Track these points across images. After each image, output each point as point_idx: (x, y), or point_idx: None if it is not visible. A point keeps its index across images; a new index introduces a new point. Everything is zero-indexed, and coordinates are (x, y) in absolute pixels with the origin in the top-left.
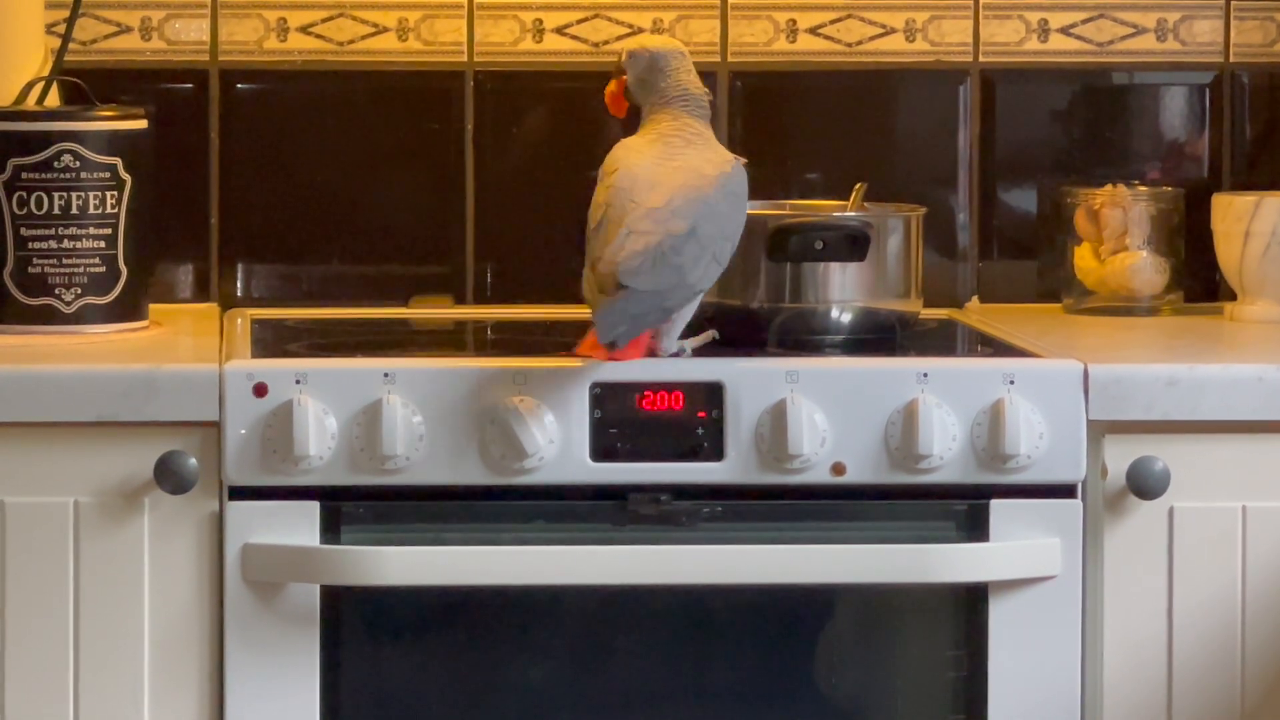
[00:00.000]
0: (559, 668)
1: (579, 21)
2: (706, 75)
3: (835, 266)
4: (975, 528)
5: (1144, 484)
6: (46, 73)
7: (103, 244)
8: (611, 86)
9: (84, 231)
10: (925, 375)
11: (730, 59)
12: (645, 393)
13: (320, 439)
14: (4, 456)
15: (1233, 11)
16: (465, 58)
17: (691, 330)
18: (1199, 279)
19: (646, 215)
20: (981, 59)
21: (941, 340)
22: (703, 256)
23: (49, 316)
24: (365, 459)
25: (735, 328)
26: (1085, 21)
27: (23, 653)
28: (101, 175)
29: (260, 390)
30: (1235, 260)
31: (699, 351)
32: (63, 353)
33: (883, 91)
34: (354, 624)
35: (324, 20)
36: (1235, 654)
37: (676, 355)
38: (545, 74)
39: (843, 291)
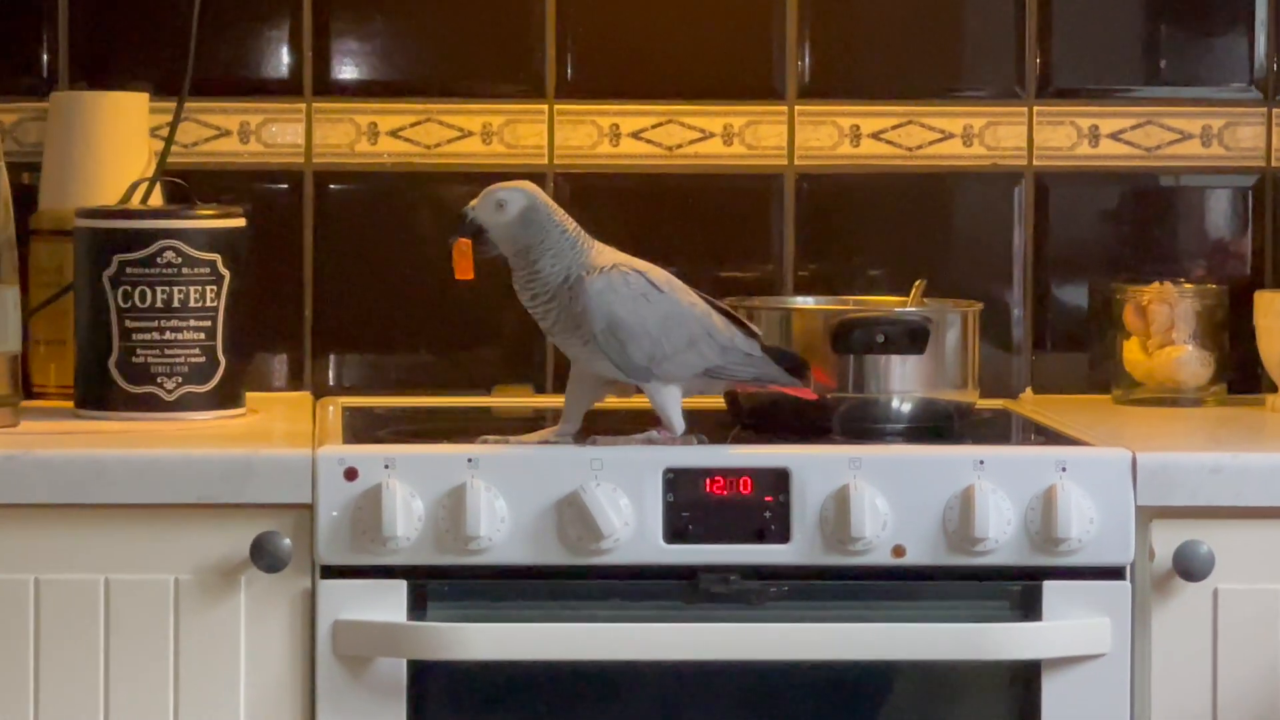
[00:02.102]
0: None
1: (653, 126)
2: (774, 178)
3: (896, 359)
4: (1028, 607)
5: (1190, 567)
6: (151, 174)
7: (203, 335)
8: (464, 247)
9: (185, 324)
10: (981, 462)
11: (797, 162)
12: (716, 477)
13: (407, 521)
14: (109, 536)
15: (1274, 118)
16: (546, 160)
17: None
18: (1242, 372)
19: None
20: (1035, 162)
21: (997, 429)
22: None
23: (152, 404)
24: (450, 540)
25: (801, 416)
26: (1134, 128)
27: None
28: (202, 270)
29: (351, 474)
30: (1277, 354)
31: (764, 439)
32: (165, 438)
33: (941, 193)
34: (439, 697)
35: (412, 125)
36: None
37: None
38: (621, 175)
39: (903, 382)
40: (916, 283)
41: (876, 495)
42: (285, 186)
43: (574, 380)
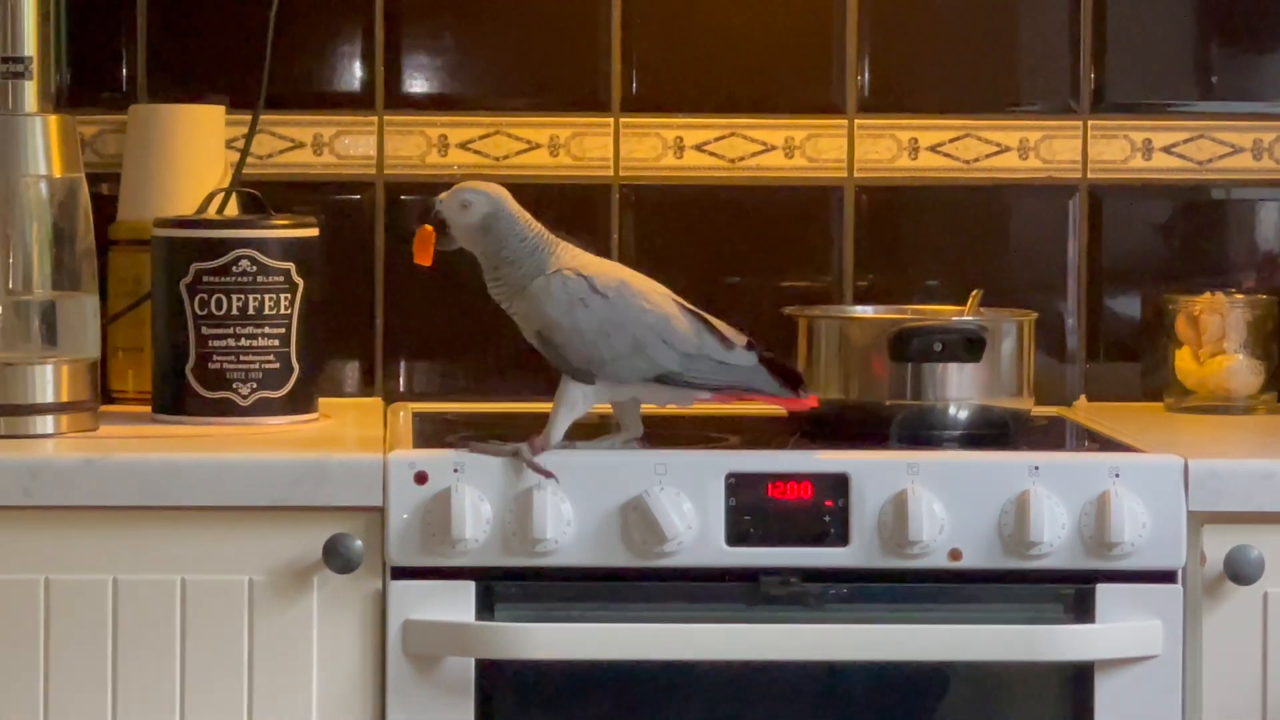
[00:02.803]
0: None
1: (716, 139)
2: (834, 189)
3: (953, 367)
4: (1082, 610)
5: (1240, 571)
6: (227, 184)
7: (277, 342)
8: (427, 233)
9: (260, 330)
10: (1036, 468)
11: (856, 174)
12: (777, 482)
13: (476, 523)
14: (185, 537)
15: None
16: (612, 172)
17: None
18: None
19: None
20: (1090, 175)
21: (1051, 436)
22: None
23: (227, 409)
24: (517, 542)
25: (860, 423)
26: (1186, 141)
27: (199, 717)
28: (276, 279)
29: (421, 478)
30: None
31: (824, 444)
32: (240, 443)
33: (998, 205)
34: (506, 695)
35: (481, 137)
36: None
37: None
38: (684, 187)
39: (960, 390)
40: (973, 293)
41: (934, 500)
42: (357, 197)
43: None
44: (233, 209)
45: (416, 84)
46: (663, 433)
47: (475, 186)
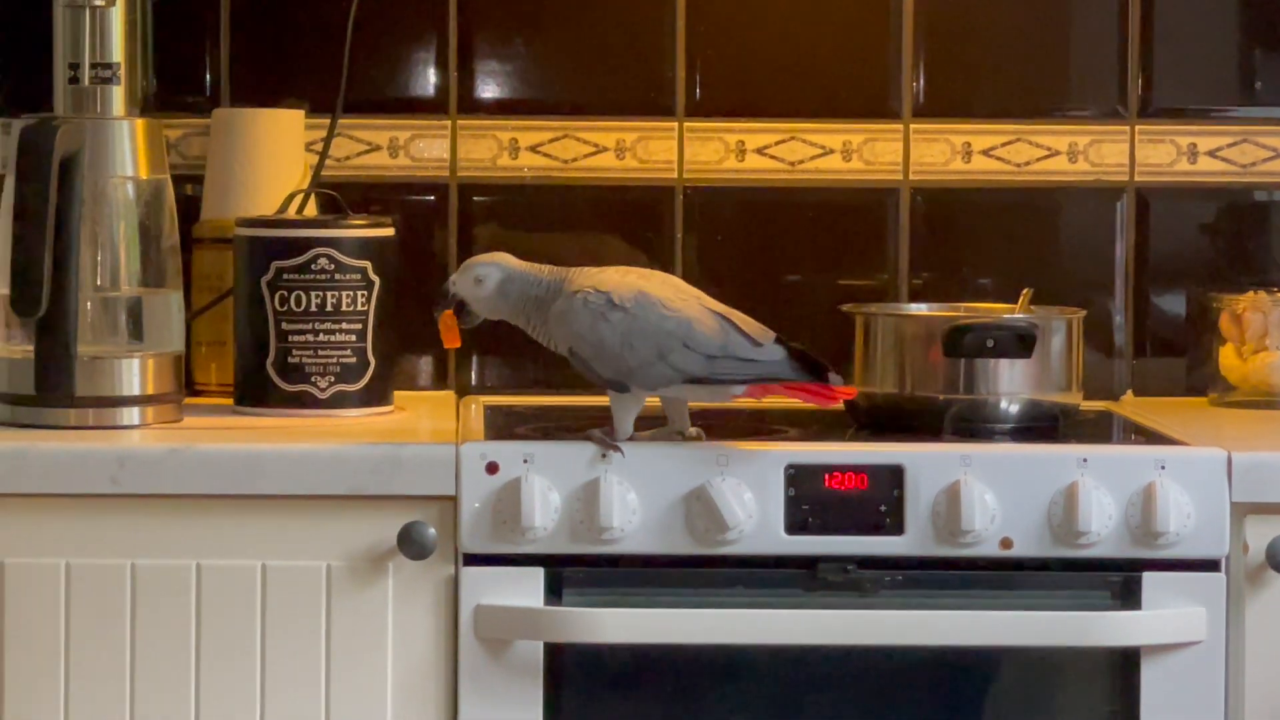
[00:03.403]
0: (754, 719)
1: (777, 143)
2: (889, 192)
3: (1005, 362)
4: (1128, 597)
5: None
6: (306, 185)
7: (354, 337)
8: (449, 319)
9: (338, 326)
10: (1085, 460)
11: (912, 177)
12: (834, 473)
13: (545, 512)
14: (266, 525)
15: None
16: (675, 175)
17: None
18: None
19: None
20: (1137, 178)
21: (1099, 429)
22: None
23: (306, 401)
24: (584, 530)
25: (915, 416)
26: (1230, 145)
27: (279, 699)
28: (354, 276)
29: (492, 468)
30: None
31: (880, 437)
32: (318, 434)
33: (1048, 207)
34: (574, 678)
35: (551, 141)
36: None
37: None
38: (746, 189)
39: (1011, 385)
40: (1024, 291)
41: (986, 491)
42: (431, 198)
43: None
44: (312, 209)
45: (488, 89)
46: (724, 425)
47: (483, 260)
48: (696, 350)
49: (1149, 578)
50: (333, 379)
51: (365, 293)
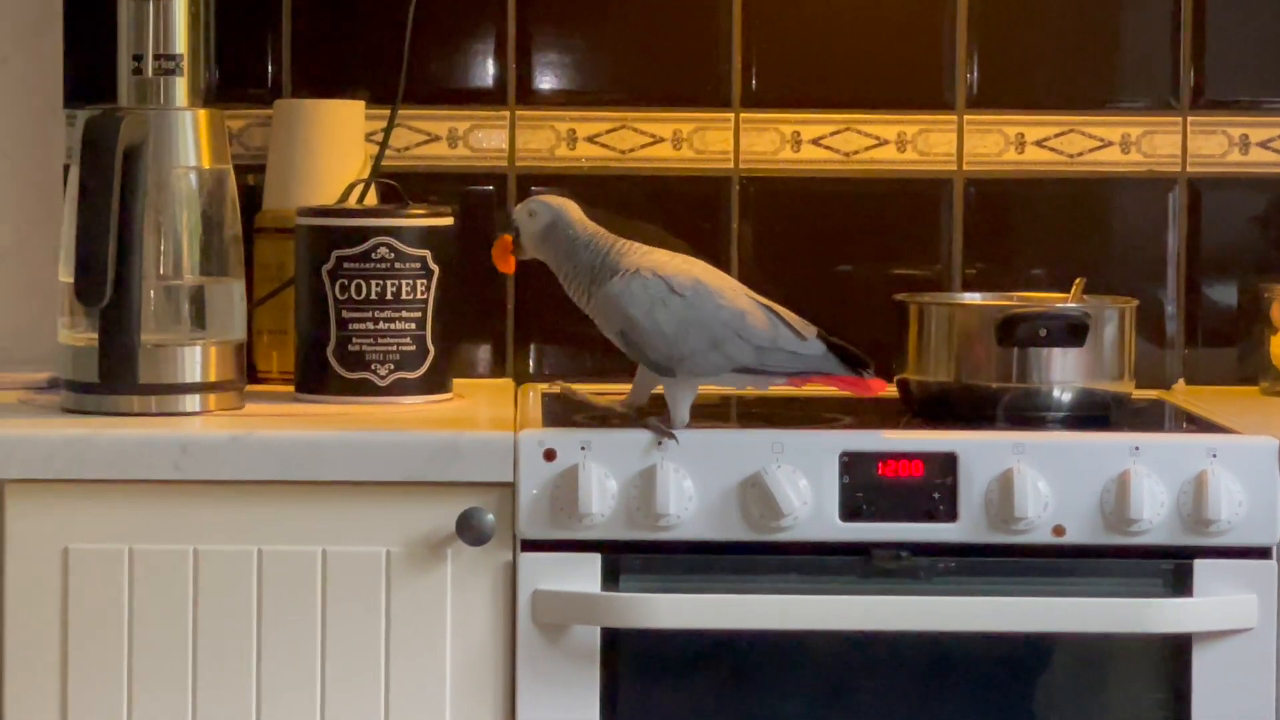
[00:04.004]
0: (808, 704)
1: (832, 134)
2: (943, 182)
3: (1057, 351)
4: (1180, 585)
5: None
6: (366, 175)
7: (413, 325)
8: (504, 244)
9: (397, 314)
10: (1137, 449)
11: (965, 168)
12: (888, 461)
13: (602, 499)
14: (326, 511)
15: None
16: (732, 165)
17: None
18: None
19: None
20: (1189, 169)
21: (1151, 418)
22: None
23: (366, 389)
24: (641, 517)
25: (968, 405)
26: None
27: (339, 681)
28: (413, 265)
29: (550, 455)
30: None
31: (933, 425)
32: (378, 421)
33: (1100, 197)
34: (630, 662)
35: (608, 131)
36: None
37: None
38: (801, 179)
39: (1063, 374)
40: (1076, 281)
41: (1038, 478)
42: (490, 188)
43: (640, 367)
44: (372, 199)
45: (546, 80)
46: (779, 414)
47: (544, 198)
48: (749, 341)
49: (1200, 565)
50: (392, 367)
51: (425, 281)
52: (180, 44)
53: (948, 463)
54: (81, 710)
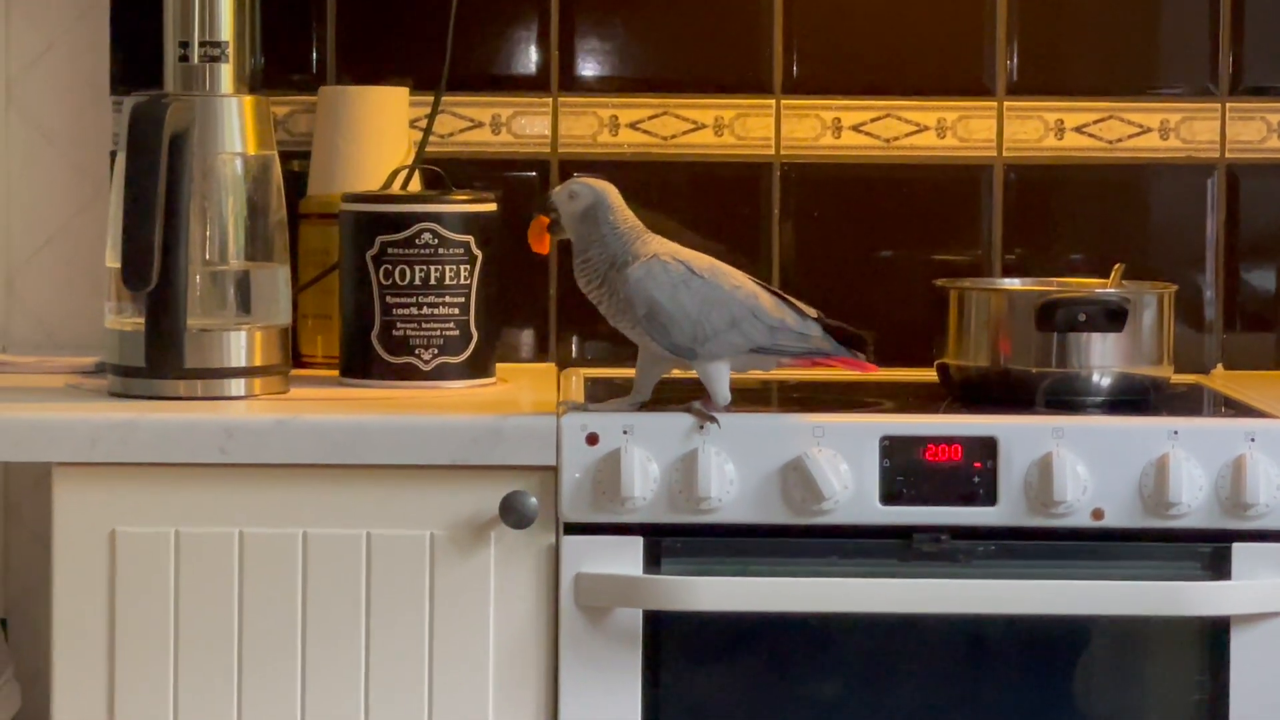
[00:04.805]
0: (849, 686)
1: (872, 120)
2: (983, 168)
3: (1096, 336)
4: (1218, 567)
5: None
6: (410, 162)
7: (457, 310)
8: (541, 223)
9: (441, 300)
10: (1176, 433)
11: (1005, 154)
12: (929, 445)
13: (644, 482)
14: (370, 494)
15: None
16: (773, 151)
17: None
18: None
19: None
20: (1228, 155)
21: (1190, 402)
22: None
23: (409, 373)
24: (683, 500)
25: (1008, 389)
26: None
27: (383, 663)
28: (457, 251)
29: (592, 439)
30: None
31: (974, 409)
32: (421, 405)
33: (1139, 183)
34: (672, 644)
35: (650, 118)
36: None
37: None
38: (842, 165)
39: (1103, 358)
40: (1116, 266)
41: (1078, 462)
42: (533, 174)
43: (641, 356)
44: (416, 185)
45: (589, 67)
46: (819, 398)
47: (586, 180)
48: (763, 321)
49: (1239, 548)
50: (436, 351)
51: (468, 267)
52: (226, 31)
53: (988, 446)
54: (128, 689)
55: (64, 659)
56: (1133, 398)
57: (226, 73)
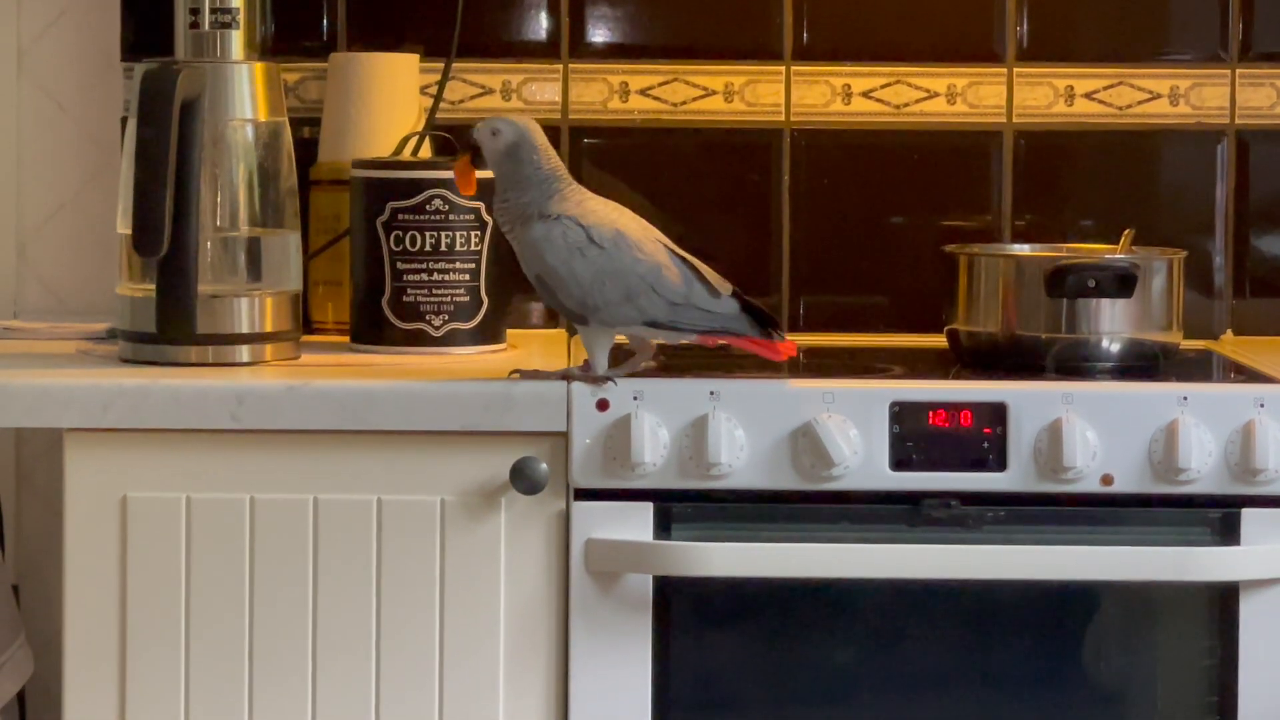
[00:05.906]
0: (858, 652)
1: (883, 86)
2: (993, 134)
3: (1106, 302)
4: (1227, 533)
5: None
6: (421, 128)
7: (467, 277)
8: (464, 162)
9: (451, 266)
10: (1185, 398)
11: (1015, 120)
12: (938, 410)
13: (654, 448)
14: (381, 460)
15: None
16: (783, 118)
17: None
18: None
19: None
20: (1237, 121)
21: (1199, 368)
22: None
23: (420, 339)
24: (693, 466)
25: (1018, 355)
26: None
27: (394, 629)
28: (467, 217)
29: (603, 405)
30: None
31: (983, 375)
32: (432, 371)
33: (1149, 149)
34: (681, 610)
35: (660, 84)
36: None
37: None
38: (852, 132)
39: (1112, 324)
40: (1125, 232)
41: (1087, 428)
42: None
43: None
44: (426, 151)
45: (599, 33)
46: (829, 364)
47: (508, 116)
48: (662, 296)
49: (1248, 514)
50: (447, 317)
51: (478, 233)
52: None
53: (997, 412)
54: (139, 654)
55: (76, 625)
56: (1142, 364)
57: (237, 39)
